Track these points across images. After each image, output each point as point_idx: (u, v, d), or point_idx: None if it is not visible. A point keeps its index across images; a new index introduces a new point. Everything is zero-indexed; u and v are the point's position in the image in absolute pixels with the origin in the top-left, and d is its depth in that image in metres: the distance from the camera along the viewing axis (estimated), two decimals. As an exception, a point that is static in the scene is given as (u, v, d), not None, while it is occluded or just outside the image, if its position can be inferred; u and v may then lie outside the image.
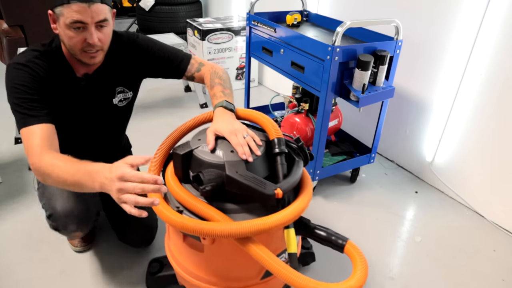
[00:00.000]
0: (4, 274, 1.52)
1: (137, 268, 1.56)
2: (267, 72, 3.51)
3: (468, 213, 2.01)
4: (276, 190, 0.99)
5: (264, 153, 1.12)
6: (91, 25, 1.13)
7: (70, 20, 1.10)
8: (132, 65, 1.39)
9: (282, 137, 1.13)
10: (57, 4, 1.11)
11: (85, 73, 1.30)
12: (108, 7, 1.16)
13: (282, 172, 1.08)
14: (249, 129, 1.14)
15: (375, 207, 2.01)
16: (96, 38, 1.14)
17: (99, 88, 1.35)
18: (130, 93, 1.46)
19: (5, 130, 2.55)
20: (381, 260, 1.68)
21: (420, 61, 2.09)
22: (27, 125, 1.12)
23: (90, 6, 1.09)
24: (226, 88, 1.31)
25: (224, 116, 1.17)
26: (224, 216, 1.01)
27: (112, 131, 1.55)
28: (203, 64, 1.44)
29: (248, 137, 1.10)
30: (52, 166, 1.03)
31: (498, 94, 1.78)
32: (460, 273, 1.63)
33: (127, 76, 1.41)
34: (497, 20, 1.70)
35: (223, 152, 1.07)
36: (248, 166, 1.05)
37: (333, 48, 1.62)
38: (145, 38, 1.41)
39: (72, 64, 1.27)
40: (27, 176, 2.14)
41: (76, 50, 1.18)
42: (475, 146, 1.94)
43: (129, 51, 1.37)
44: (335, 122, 2.15)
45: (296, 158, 1.17)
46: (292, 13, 2.23)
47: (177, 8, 4.06)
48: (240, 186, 1.00)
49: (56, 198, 1.35)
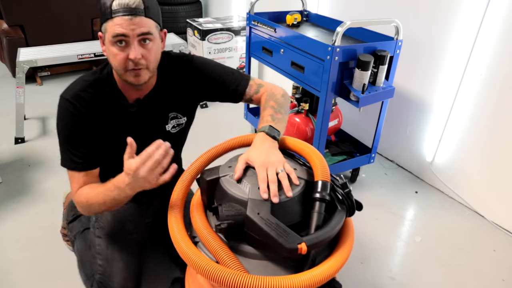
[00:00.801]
0: (4, 274, 1.52)
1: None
2: (267, 72, 3.51)
3: (468, 213, 2.01)
4: (300, 245, 0.82)
5: (302, 194, 0.95)
6: (134, 39, 1.06)
7: (112, 34, 1.05)
8: (186, 89, 1.30)
9: (328, 181, 0.96)
10: (102, 22, 1.08)
11: (136, 98, 1.24)
12: (153, 23, 1.09)
13: (316, 222, 0.91)
14: (288, 163, 0.99)
15: (375, 207, 2.01)
16: (139, 54, 1.07)
17: (151, 114, 1.27)
18: (184, 119, 1.36)
19: (5, 130, 2.55)
20: (381, 260, 1.67)
21: (420, 61, 2.09)
22: (69, 168, 1.18)
23: (132, 19, 1.04)
24: (278, 112, 1.17)
25: (264, 144, 1.03)
26: (234, 261, 0.88)
27: None
28: (262, 85, 1.31)
29: (282, 173, 0.94)
30: (85, 196, 1.13)
31: (498, 94, 1.78)
32: (460, 273, 1.63)
33: (180, 101, 1.31)
34: (497, 20, 1.70)
35: (250, 186, 0.93)
36: (276, 207, 0.90)
37: (333, 48, 1.62)
38: (200, 60, 1.32)
39: (123, 90, 1.22)
40: (27, 176, 2.14)
41: (121, 69, 1.11)
42: (475, 146, 1.94)
43: (183, 74, 1.29)
44: (335, 122, 2.15)
45: (339, 207, 0.97)
46: (292, 13, 2.23)
47: (177, 8, 4.06)
48: (259, 231, 0.86)
49: (115, 268, 1.30)
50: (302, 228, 0.93)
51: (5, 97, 3.08)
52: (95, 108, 1.18)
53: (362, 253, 1.69)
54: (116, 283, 1.27)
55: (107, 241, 1.35)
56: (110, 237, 1.35)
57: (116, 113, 1.22)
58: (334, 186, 0.99)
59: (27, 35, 3.29)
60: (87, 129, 1.18)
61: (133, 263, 1.33)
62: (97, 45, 2.75)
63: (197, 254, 0.88)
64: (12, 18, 3.21)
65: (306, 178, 1.00)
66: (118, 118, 1.23)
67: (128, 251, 1.34)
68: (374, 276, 1.59)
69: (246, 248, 0.92)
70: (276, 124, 1.11)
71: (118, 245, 1.34)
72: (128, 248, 1.35)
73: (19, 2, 3.16)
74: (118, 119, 1.23)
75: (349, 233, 1.00)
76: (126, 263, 1.31)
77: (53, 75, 3.59)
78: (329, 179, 0.97)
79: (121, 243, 1.35)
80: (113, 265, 1.30)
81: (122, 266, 1.30)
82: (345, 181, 0.99)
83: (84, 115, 1.16)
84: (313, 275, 0.84)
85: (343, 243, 0.97)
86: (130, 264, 1.32)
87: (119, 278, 1.28)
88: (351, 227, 1.02)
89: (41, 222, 1.79)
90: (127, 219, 1.41)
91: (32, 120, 2.75)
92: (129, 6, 1.04)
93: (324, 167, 0.98)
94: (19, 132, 2.44)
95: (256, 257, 0.91)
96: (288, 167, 0.97)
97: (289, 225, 0.88)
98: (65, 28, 3.43)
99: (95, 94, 1.18)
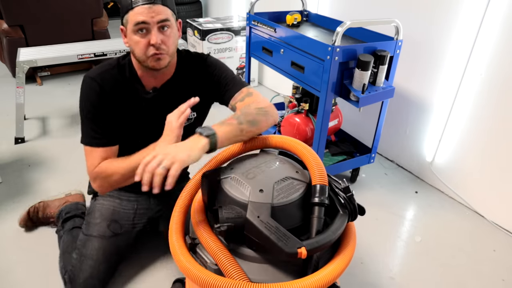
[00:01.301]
0: (4, 274, 1.52)
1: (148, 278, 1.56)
2: (267, 72, 3.51)
3: (468, 213, 2.01)
4: (300, 249, 0.81)
5: (301, 198, 0.94)
6: (154, 26, 1.15)
7: (134, 22, 1.14)
8: (198, 85, 1.36)
9: (326, 185, 0.95)
10: (123, 13, 1.17)
11: (153, 86, 1.32)
12: (170, 11, 1.19)
13: (316, 227, 0.90)
14: (176, 167, 0.91)
15: (375, 207, 2.01)
16: (159, 39, 1.16)
17: (164, 103, 1.31)
18: (193, 114, 1.40)
19: (5, 130, 2.55)
20: (381, 260, 1.68)
21: (420, 61, 2.09)
22: (90, 145, 1.24)
23: (152, 7, 1.14)
24: (235, 119, 1.09)
25: (187, 141, 1.00)
26: (234, 265, 0.87)
27: None
28: (251, 94, 1.27)
29: (160, 170, 0.89)
30: (108, 166, 1.20)
31: (498, 94, 1.78)
32: (460, 273, 1.63)
33: (190, 95, 1.32)
34: (497, 20, 1.70)
35: (251, 189, 0.92)
36: (276, 211, 0.89)
37: (333, 48, 1.62)
38: (213, 60, 1.38)
39: (142, 78, 1.30)
40: (27, 176, 2.14)
41: (143, 55, 1.20)
42: (475, 146, 1.94)
43: (197, 70, 1.36)
44: (335, 122, 2.15)
45: (340, 211, 0.95)
46: (292, 13, 2.23)
47: (177, 8, 4.05)
48: (259, 234, 0.85)
49: (84, 265, 1.36)
50: (303, 231, 0.92)
51: (5, 97, 3.07)
52: (116, 89, 1.26)
53: (362, 253, 1.69)
54: (82, 279, 1.34)
55: (86, 238, 1.41)
56: (90, 236, 1.42)
57: (133, 97, 1.30)
58: (336, 190, 0.98)
59: (27, 35, 3.29)
60: (108, 108, 1.26)
61: (104, 263, 1.39)
62: (97, 45, 2.75)
63: (199, 269, 0.87)
64: (12, 18, 3.21)
65: (305, 180, 0.99)
66: (135, 103, 1.31)
67: (103, 251, 1.39)
68: (374, 276, 1.59)
69: (246, 251, 0.91)
70: (220, 127, 1.04)
71: (95, 244, 1.40)
72: (105, 249, 1.40)
73: (19, 2, 3.16)
74: (135, 104, 1.31)
75: (351, 237, 0.98)
76: (97, 263, 1.37)
77: (53, 75, 3.60)
78: (327, 183, 0.96)
79: (98, 244, 1.40)
80: (84, 262, 1.37)
81: (92, 265, 1.36)
82: (348, 185, 0.97)
83: (107, 94, 1.24)
84: (310, 282, 0.83)
85: (344, 248, 0.95)
86: (101, 264, 1.38)
87: (86, 276, 1.35)
88: (353, 232, 1.00)
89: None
90: (113, 220, 1.46)
91: (32, 120, 2.75)
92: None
93: (321, 171, 0.96)
94: (19, 132, 2.44)
95: (256, 260, 0.91)
96: (174, 169, 0.90)
97: (289, 228, 0.87)
98: (65, 28, 3.42)
99: (117, 77, 1.27)
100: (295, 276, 0.90)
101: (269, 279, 0.89)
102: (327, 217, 0.95)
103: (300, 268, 0.91)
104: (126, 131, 1.32)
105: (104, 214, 1.45)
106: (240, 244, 0.92)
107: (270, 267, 0.90)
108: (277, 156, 1.09)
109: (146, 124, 1.34)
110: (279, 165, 1.03)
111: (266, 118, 1.15)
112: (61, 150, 2.39)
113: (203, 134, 1.00)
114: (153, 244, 1.65)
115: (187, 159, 0.94)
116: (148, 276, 1.54)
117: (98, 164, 1.22)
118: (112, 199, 1.49)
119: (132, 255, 1.60)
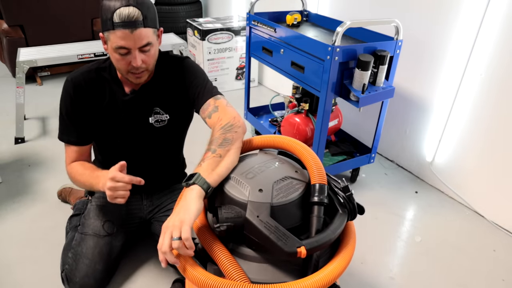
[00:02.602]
0: (4, 274, 1.52)
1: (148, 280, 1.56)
2: (267, 72, 3.51)
3: (468, 213, 2.01)
4: (299, 249, 0.81)
5: (301, 198, 0.94)
6: (135, 50, 1.16)
7: (115, 45, 1.14)
8: (173, 86, 1.36)
9: (325, 184, 0.95)
10: (104, 30, 1.16)
11: (132, 89, 1.34)
12: (152, 30, 1.17)
13: (315, 226, 0.90)
14: (185, 228, 0.87)
15: (375, 207, 2.01)
16: (140, 61, 1.18)
17: (139, 105, 1.35)
18: (166, 116, 1.39)
19: (5, 130, 2.55)
20: (381, 260, 1.68)
21: (420, 61, 2.09)
22: (65, 141, 1.36)
23: (133, 31, 1.12)
24: (209, 150, 1.05)
25: (183, 200, 0.94)
26: (233, 265, 0.87)
27: (153, 151, 1.47)
28: (217, 110, 1.21)
29: (177, 242, 0.86)
30: (75, 171, 1.33)
31: (498, 94, 1.78)
32: (460, 273, 1.63)
33: (165, 98, 1.37)
34: (497, 20, 1.70)
35: (250, 189, 0.92)
36: (276, 210, 0.89)
37: (333, 48, 1.62)
38: (189, 63, 1.37)
39: (122, 80, 1.33)
40: (27, 176, 2.14)
41: (123, 71, 1.24)
42: (475, 146, 1.94)
43: (173, 71, 1.36)
44: (335, 122, 2.15)
45: (340, 210, 0.96)
46: (292, 13, 2.23)
47: (177, 8, 4.06)
48: (258, 234, 0.85)
49: (80, 265, 1.38)
50: (303, 231, 0.93)
51: (5, 97, 3.07)
52: (92, 91, 1.30)
53: (362, 253, 1.69)
54: (79, 278, 1.35)
55: (81, 237, 1.42)
56: (85, 235, 1.42)
57: (111, 99, 1.33)
58: (335, 189, 0.98)
59: (27, 35, 3.29)
60: (82, 109, 1.31)
61: (100, 263, 1.39)
62: (97, 45, 2.75)
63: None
64: (12, 18, 3.21)
65: (304, 180, 0.99)
66: (112, 104, 1.34)
67: (99, 251, 1.40)
68: (374, 276, 1.59)
69: (246, 250, 0.92)
70: (199, 167, 0.99)
71: (90, 243, 1.40)
72: (100, 248, 1.41)
73: (19, 2, 3.16)
74: (112, 105, 1.34)
75: (350, 237, 0.98)
76: (93, 262, 1.38)
77: (53, 75, 3.59)
78: (326, 182, 0.96)
79: (93, 242, 1.41)
80: (80, 261, 1.37)
81: (87, 264, 1.37)
82: (347, 184, 0.97)
83: (82, 96, 1.29)
84: (310, 282, 0.82)
85: (344, 248, 0.95)
86: (97, 263, 1.39)
87: (82, 275, 1.36)
88: (352, 231, 1.00)
89: (41, 222, 1.79)
90: (107, 220, 1.47)
91: (32, 120, 2.75)
92: (129, 20, 1.10)
93: (320, 169, 0.96)
94: (19, 132, 2.44)
95: (255, 260, 0.91)
96: (185, 233, 0.86)
97: (289, 228, 0.87)
98: (65, 28, 3.42)
99: (96, 79, 1.31)
100: (295, 275, 0.90)
101: (269, 279, 0.89)
102: (327, 216, 0.95)
103: (300, 267, 0.91)
104: (105, 131, 1.37)
105: (98, 214, 1.47)
106: (240, 243, 0.92)
107: (270, 267, 0.90)
108: (276, 156, 1.09)
109: (124, 124, 1.37)
110: (278, 165, 1.03)
111: (232, 132, 1.11)
112: (61, 150, 2.34)
113: (189, 183, 0.94)
114: (152, 244, 1.65)
115: (190, 215, 0.89)
116: (147, 276, 1.54)
117: (71, 160, 1.36)
118: (106, 200, 1.50)
119: (131, 255, 1.61)
